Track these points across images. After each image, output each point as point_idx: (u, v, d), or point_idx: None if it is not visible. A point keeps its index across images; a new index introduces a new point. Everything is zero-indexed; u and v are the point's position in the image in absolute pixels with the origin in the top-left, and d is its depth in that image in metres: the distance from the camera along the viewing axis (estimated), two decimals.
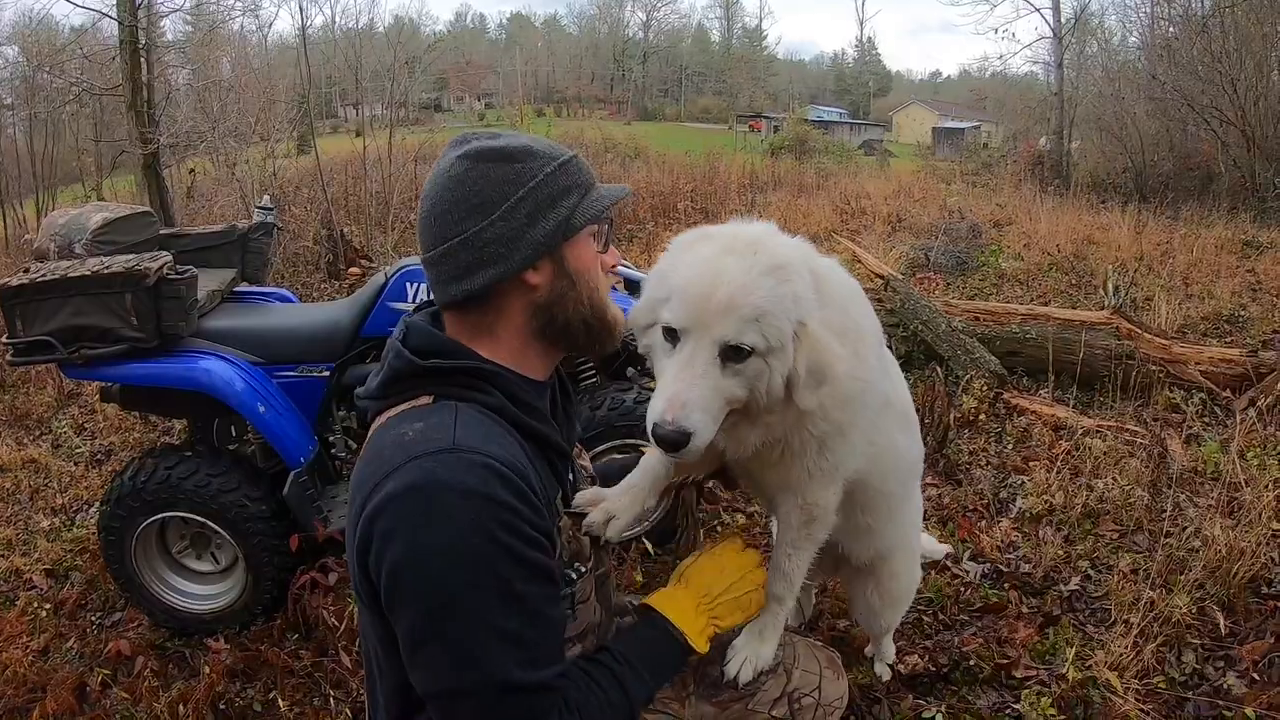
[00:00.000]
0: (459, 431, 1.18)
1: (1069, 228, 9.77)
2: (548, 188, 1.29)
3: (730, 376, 1.29)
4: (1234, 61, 12.61)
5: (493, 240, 1.26)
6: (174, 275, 2.57)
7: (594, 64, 79.15)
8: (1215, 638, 2.57)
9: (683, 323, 1.29)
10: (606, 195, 1.37)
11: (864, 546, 1.93)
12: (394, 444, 1.19)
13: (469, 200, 1.27)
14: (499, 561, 1.12)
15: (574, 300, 1.34)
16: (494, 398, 1.27)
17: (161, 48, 9.41)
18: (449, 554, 1.11)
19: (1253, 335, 5.75)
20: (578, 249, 1.34)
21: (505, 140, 1.31)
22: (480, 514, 1.11)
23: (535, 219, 1.28)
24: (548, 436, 1.33)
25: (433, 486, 1.12)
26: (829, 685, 1.70)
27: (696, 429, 1.25)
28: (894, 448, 1.76)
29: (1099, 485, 3.46)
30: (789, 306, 1.29)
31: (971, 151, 23.83)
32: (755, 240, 1.34)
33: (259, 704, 2.54)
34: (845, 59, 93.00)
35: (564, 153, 1.34)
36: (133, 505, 2.73)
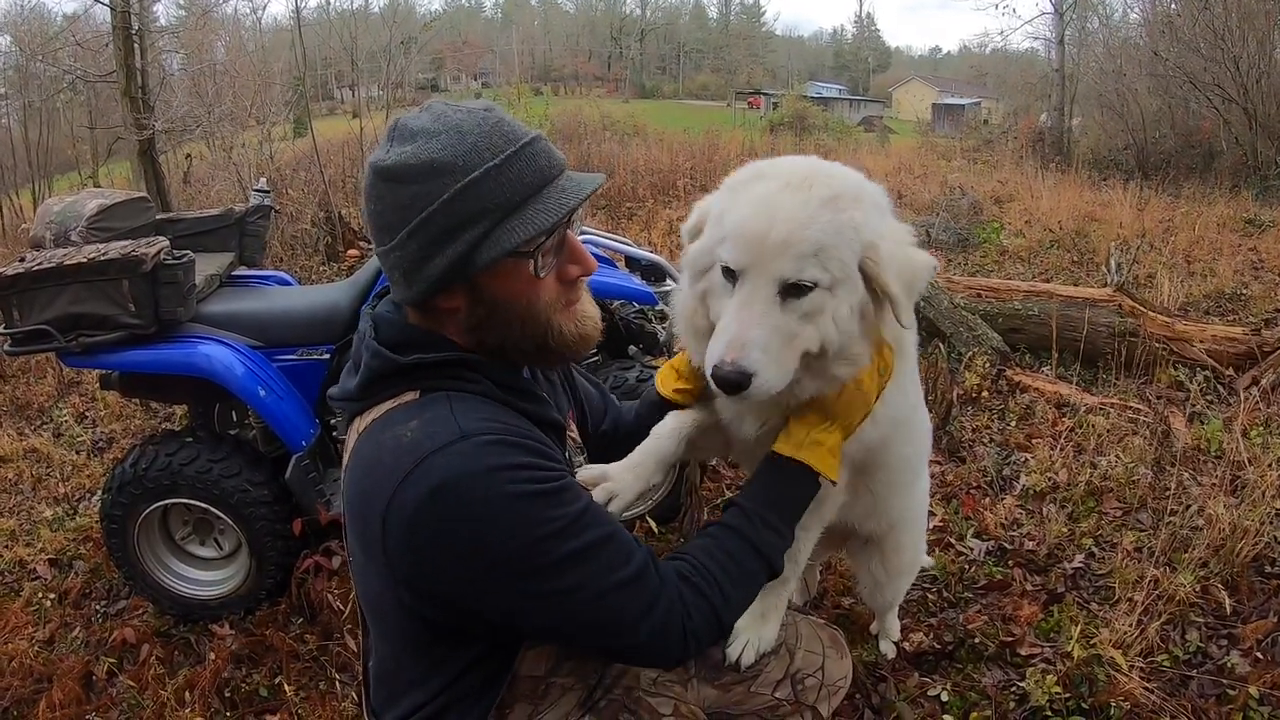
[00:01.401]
0: (460, 419, 1.15)
1: (1070, 204, 9.74)
2: (445, 218, 1.13)
3: (791, 315, 1.24)
4: (1236, 39, 12.52)
5: (396, 265, 1.19)
6: (171, 260, 2.55)
7: (591, 42, 78.73)
8: (1219, 616, 2.57)
9: (740, 263, 1.25)
10: (537, 218, 1.16)
11: (876, 520, 1.91)
12: (394, 448, 1.15)
13: (375, 220, 1.20)
14: (545, 510, 1.13)
15: (500, 326, 1.24)
16: (480, 384, 1.24)
17: (155, 33, 9.34)
18: (502, 532, 1.11)
19: (1255, 313, 5.74)
20: (497, 279, 1.20)
21: (410, 151, 1.14)
22: (511, 484, 1.11)
23: (429, 254, 1.16)
24: (539, 414, 1.30)
25: (459, 479, 1.10)
26: (832, 665, 1.68)
27: (758, 369, 1.21)
28: (915, 414, 1.73)
29: (1102, 463, 3.46)
30: (850, 236, 1.24)
31: (972, 128, 23.67)
32: (810, 173, 1.29)
33: (265, 689, 2.55)
34: (844, 35, 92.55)
35: (484, 161, 1.14)
36: (134, 493, 2.73)
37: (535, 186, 1.17)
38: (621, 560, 1.18)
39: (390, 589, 1.22)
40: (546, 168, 1.20)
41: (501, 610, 1.18)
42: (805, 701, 1.63)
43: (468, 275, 1.17)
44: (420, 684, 1.31)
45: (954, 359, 4.54)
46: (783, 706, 1.62)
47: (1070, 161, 14.94)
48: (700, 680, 1.63)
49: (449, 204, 1.13)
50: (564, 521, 1.14)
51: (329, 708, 2.40)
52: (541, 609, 1.17)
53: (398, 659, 1.35)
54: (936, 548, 2.94)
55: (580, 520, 1.16)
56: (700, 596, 1.24)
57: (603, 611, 1.17)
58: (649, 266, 3.33)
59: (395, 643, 1.34)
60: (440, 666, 1.30)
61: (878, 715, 2.28)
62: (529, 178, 1.17)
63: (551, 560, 1.13)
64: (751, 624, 1.63)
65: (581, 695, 1.42)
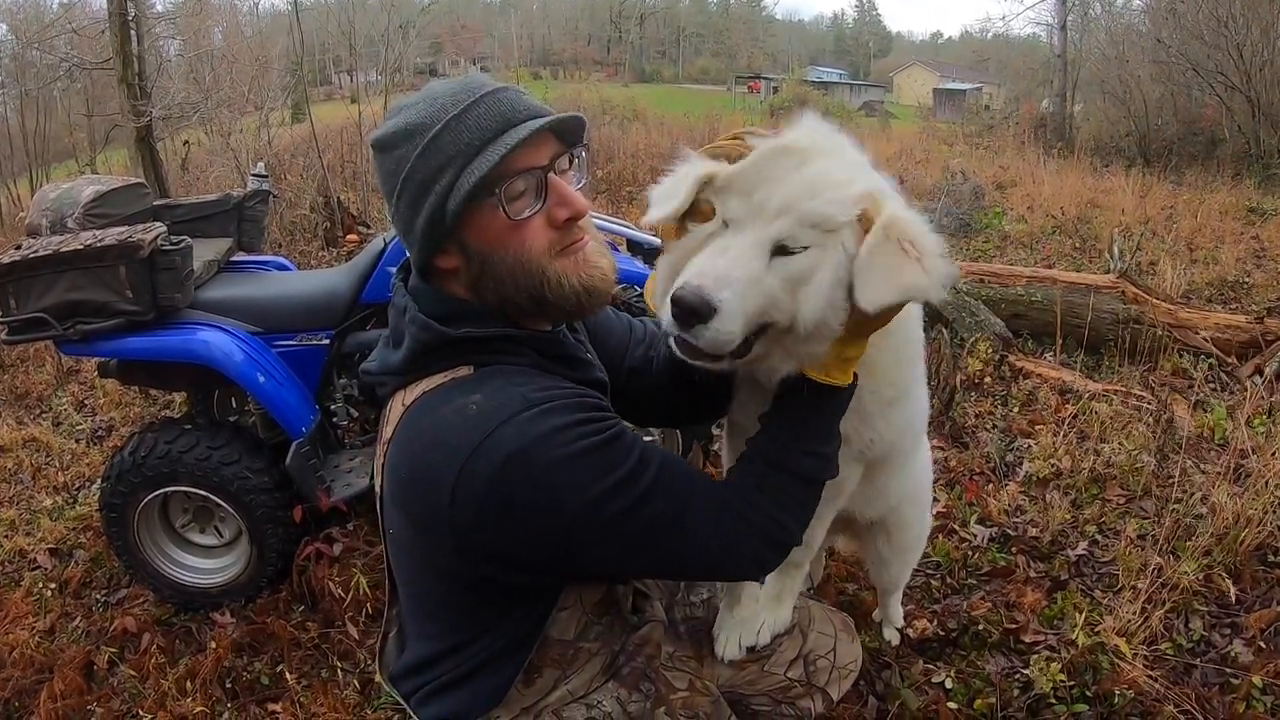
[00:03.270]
0: (522, 390, 1.17)
1: (1072, 190, 9.71)
2: (418, 174, 1.16)
3: (774, 273, 1.14)
4: (1240, 26, 12.45)
5: (401, 233, 1.25)
6: (168, 246, 2.53)
7: (590, 26, 78.44)
8: (1222, 605, 2.57)
9: (735, 212, 1.18)
10: (491, 155, 1.13)
11: (874, 504, 1.88)
12: (460, 422, 1.13)
13: (382, 191, 1.25)
14: (610, 457, 1.16)
15: (495, 280, 1.22)
16: (530, 358, 1.25)
17: (151, 19, 9.28)
18: (582, 485, 1.13)
19: (1257, 301, 5.72)
20: (476, 227, 1.19)
21: (395, 121, 1.20)
22: (579, 438, 1.14)
23: (415, 210, 1.19)
24: (585, 377, 1.32)
25: (530, 446, 1.11)
26: (843, 648, 1.71)
27: (723, 308, 1.09)
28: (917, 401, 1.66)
29: (1105, 450, 3.45)
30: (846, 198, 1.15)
31: (973, 113, 23.58)
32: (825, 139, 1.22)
33: (266, 677, 2.55)
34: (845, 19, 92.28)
35: (445, 115, 1.15)
36: (134, 481, 2.71)
37: (496, 130, 1.15)
38: (686, 486, 1.22)
39: (445, 559, 1.22)
40: (509, 112, 1.17)
41: (592, 558, 1.21)
42: (817, 683, 1.65)
43: (448, 228, 1.18)
44: (453, 652, 1.32)
45: (956, 344, 4.52)
46: (795, 688, 1.64)
47: (1072, 147, 14.87)
48: (714, 658, 1.64)
49: (419, 159, 1.16)
50: (630, 464, 1.17)
51: (331, 695, 2.40)
52: (624, 546, 1.20)
53: (434, 626, 1.35)
54: (940, 534, 2.94)
55: (642, 460, 1.18)
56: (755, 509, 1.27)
57: (676, 537, 1.21)
58: (651, 250, 3.31)
59: (434, 612, 1.35)
60: (476, 631, 1.31)
61: (882, 702, 2.28)
62: (487, 122, 1.16)
63: (629, 501, 1.16)
64: (766, 605, 1.66)
65: (606, 660, 1.42)
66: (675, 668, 1.54)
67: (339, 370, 2.95)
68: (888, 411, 1.44)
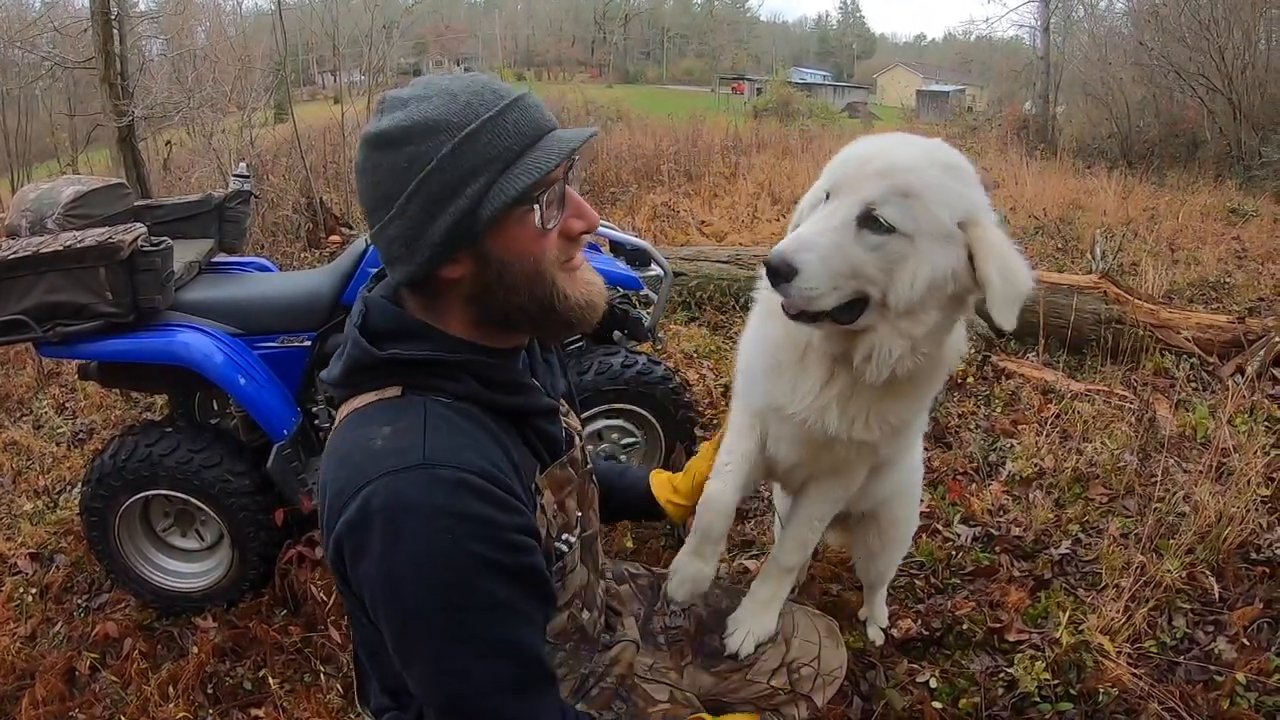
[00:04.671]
0: (429, 441, 1.08)
1: (1055, 192, 9.78)
2: (445, 173, 1.08)
3: (863, 246, 1.21)
4: (1221, 29, 12.61)
5: (396, 239, 1.12)
6: (149, 247, 2.50)
7: (574, 26, 78.43)
8: (1205, 602, 2.59)
9: (833, 183, 1.25)
10: (537, 163, 1.11)
11: (866, 500, 1.92)
12: (364, 450, 1.09)
13: (372, 193, 1.13)
14: (477, 577, 1.06)
15: (506, 290, 1.16)
16: (464, 385, 1.16)
17: (134, 18, 9.19)
18: (422, 576, 1.04)
19: (1239, 301, 5.77)
20: (502, 235, 1.13)
21: (402, 116, 1.10)
22: (453, 533, 1.04)
23: (432, 214, 1.10)
24: (528, 407, 1.24)
25: (404, 508, 1.03)
26: (828, 654, 1.70)
27: (804, 268, 1.20)
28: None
29: (1088, 449, 3.47)
30: (952, 198, 1.21)
31: (956, 115, 23.74)
32: (938, 144, 1.28)
33: (249, 682, 2.52)
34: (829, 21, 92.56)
35: (479, 115, 1.09)
36: (114, 484, 2.68)
37: (532, 136, 1.12)
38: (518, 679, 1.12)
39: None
40: (540, 120, 1.15)
41: (391, 643, 1.13)
42: (800, 690, 1.65)
43: (475, 233, 1.10)
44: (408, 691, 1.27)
45: None
46: (778, 695, 1.64)
47: (1055, 149, 14.99)
48: (696, 667, 1.64)
49: (449, 159, 1.08)
50: (491, 600, 1.07)
51: (314, 700, 2.38)
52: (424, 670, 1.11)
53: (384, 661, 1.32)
54: (924, 534, 2.94)
55: (506, 611, 1.09)
56: None
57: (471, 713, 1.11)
58: (634, 251, 3.29)
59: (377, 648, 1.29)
60: None
61: (867, 702, 2.28)
62: (525, 128, 1.12)
63: (453, 633, 1.07)
64: (753, 613, 1.65)
65: (574, 684, 1.42)
66: (654, 679, 1.53)
67: (321, 372, 2.93)
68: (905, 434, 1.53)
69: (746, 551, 3.00)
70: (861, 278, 1.23)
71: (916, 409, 1.49)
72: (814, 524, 1.65)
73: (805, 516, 1.66)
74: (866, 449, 1.49)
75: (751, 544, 3.04)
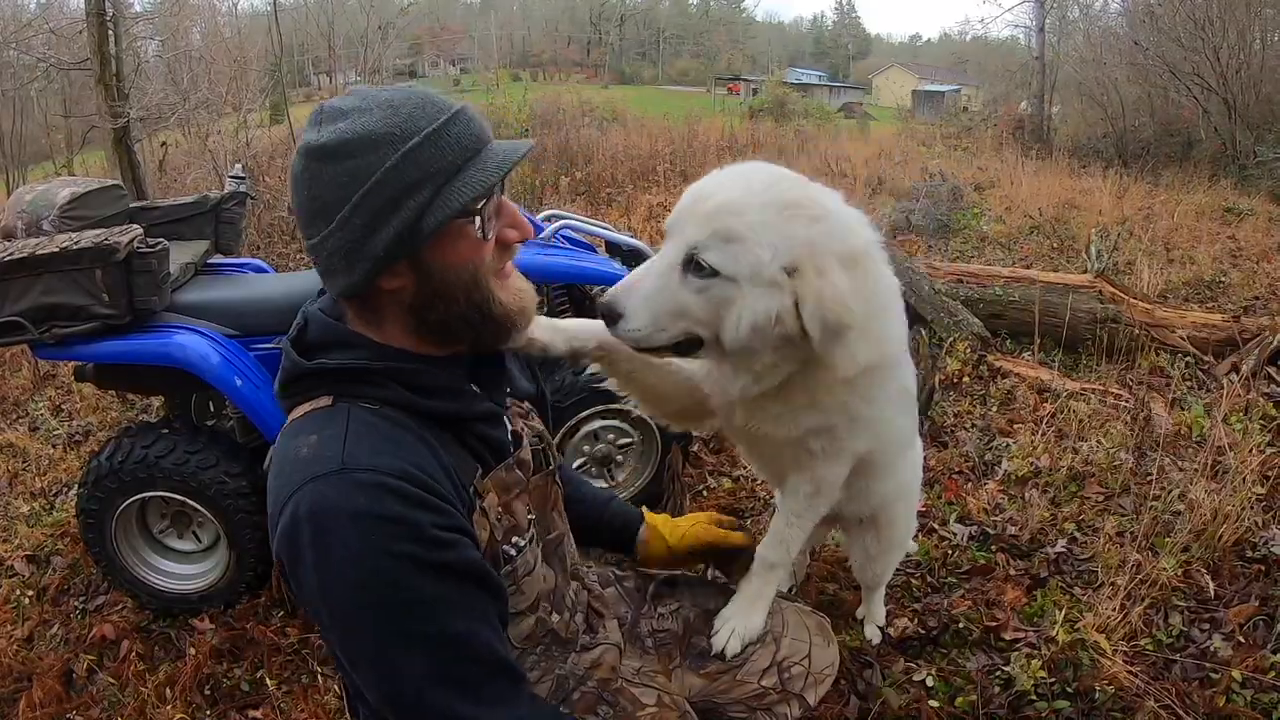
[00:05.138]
0: (348, 447, 1.10)
1: (1050, 191, 9.80)
2: (388, 187, 1.09)
3: (689, 289, 1.24)
4: (1216, 29, 12.62)
5: (335, 251, 1.13)
6: (145, 249, 2.50)
7: (570, 27, 78.46)
8: (1201, 600, 2.59)
9: (669, 223, 1.27)
10: (480, 176, 1.14)
11: (859, 505, 1.92)
12: (293, 459, 1.12)
13: (310, 205, 1.14)
14: (403, 575, 1.07)
15: (445, 300, 1.19)
16: (391, 391, 1.18)
17: (130, 19, 9.16)
18: (352, 580, 1.06)
19: (1234, 301, 5.79)
20: (442, 247, 1.15)
21: (343, 128, 1.11)
22: (374, 534, 1.05)
23: (374, 227, 1.11)
24: (462, 412, 1.25)
25: (325, 514, 1.06)
26: (818, 653, 1.69)
27: (626, 313, 1.26)
28: (897, 429, 1.74)
29: (1084, 448, 3.48)
30: (779, 241, 1.20)
31: (952, 115, 23.75)
32: (781, 180, 1.27)
33: (246, 683, 2.52)
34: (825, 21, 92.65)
35: (420, 129, 1.11)
36: (111, 486, 2.68)
37: (473, 149, 1.15)
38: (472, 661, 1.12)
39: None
40: (480, 133, 1.18)
41: (334, 649, 1.15)
42: (792, 690, 1.64)
43: (416, 244, 1.12)
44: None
45: (935, 344, 4.55)
46: (769, 695, 1.63)
47: (1050, 149, 15.01)
48: (685, 669, 1.63)
49: (391, 173, 1.09)
50: (423, 597, 1.08)
51: (311, 701, 2.38)
52: (365, 672, 1.12)
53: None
54: (920, 533, 2.94)
55: (439, 605, 1.09)
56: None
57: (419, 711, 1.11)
58: (630, 251, 3.30)
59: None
60: None
61: (864, 700, 2.28)
62: (466, 141, 1.15)
63: (394, 634, 1.08)
64: (738, 612, 1.64)
65: (551, 686, 1.41)
66: (642, 683, 1.53)
67: None
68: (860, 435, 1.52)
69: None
70: (690, 318, 1.26)
71: (831, 413, 1.45)
72: (791, 520, 1.64)
73: (782, 512, 1.67)
74: (799, 446, 1.50)
75: None
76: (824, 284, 1.20)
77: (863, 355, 1.27)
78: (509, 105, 11.15)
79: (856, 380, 1.34)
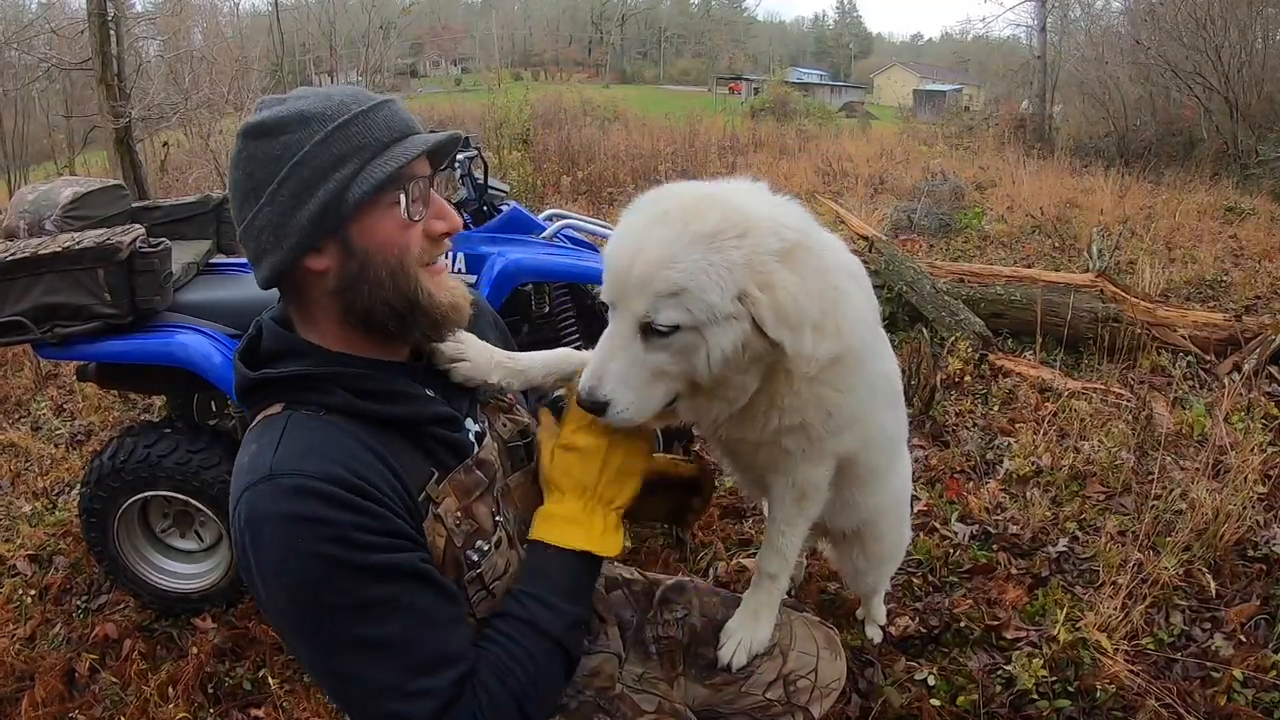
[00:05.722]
0: (279, 453, 1.10)
1: (1052, 190, 9.80)
2: (315, 160, 1.12)
3: (656, 351, 1.23)
4: (1218, 28, 12.61)
5: (264, 227, 1.14)
6: (147, 249, 2.50)
7: (572, 27, 78.48)
8: (1203, 599, 2.59)
9: (607, 296, 1.24)
10: (404, 151, 1.16)
11: (847, 517, 1.87)
12: (238, 469, 1.13)
13: (243, 184, 1.16)
14: (335, 578, 1.06)
15: (370, 284, 1.18)
16: (337, 397, 1.17)
17: (131, 19, 9.19)
18: (285, 584, 1.06)
19: (1235, 300, 5.79)
20: (367, 225, 1.16)
21: (280, 109, 1.15)
22: (302, 537, 1.05)
23: (301, 199, 1.12)
24: (413, 416, 1.24)
25: (256, 520, 1.06)
26: (826, 666, 1.67)
27: (612, 399, 1.23)
28: (881, 427, 1.68)
29: (1085, 447, 3.48)
30: (720, 276, 1.17)
31: (953, 114, 23.73)
32: (696, 205, 1.22)
33: (248, 682, 2.53)
34: (826, 21, 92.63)
35: (351, 109, 1.15)
36: (113, 486, 2.69)
37: (400, 132, 1.18)
38: (414, 668, 1.09)
39: None
40: (409, 120, 1.21)
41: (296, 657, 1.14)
42: (797, 703, 1.62)
43: (341, 217, 1.14)
44: None
45: (937, 344, 4.55)
46: (774, 707, 1.62)
47: (1052, 148, 15.00)
48: (690, 679, 1.62)
49: (320, 145, 1.12)
50: (355, 599, 1.07)
51: (313, 700, 2.38)
52: (319, 676, 1.13)
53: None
54: (921, 532, 2.95)
55: (378, 607, 1.08)
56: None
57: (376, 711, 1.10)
58: None
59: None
60: None
61: (865, 699, 2.28)
62: (395, 123, 1.18)
63: (332, 638, 1.08)
64: (744, 624, 1.62)
65: None
66: (643, 690, 1.52)
67: None
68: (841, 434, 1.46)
69: (744, 550, 3.00)
70: (668, 376, 1.25)
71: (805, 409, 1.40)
72: (781, 528, 1.60)
73: (771, 521, 1.63)
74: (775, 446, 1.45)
75: (749, 542, 3.04)
76: (773, 295, 1.19)
77: (823, 349, 1.27)
78: (510, 105, 11.12)
79: (823, 373, 1.32)
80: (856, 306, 1.36)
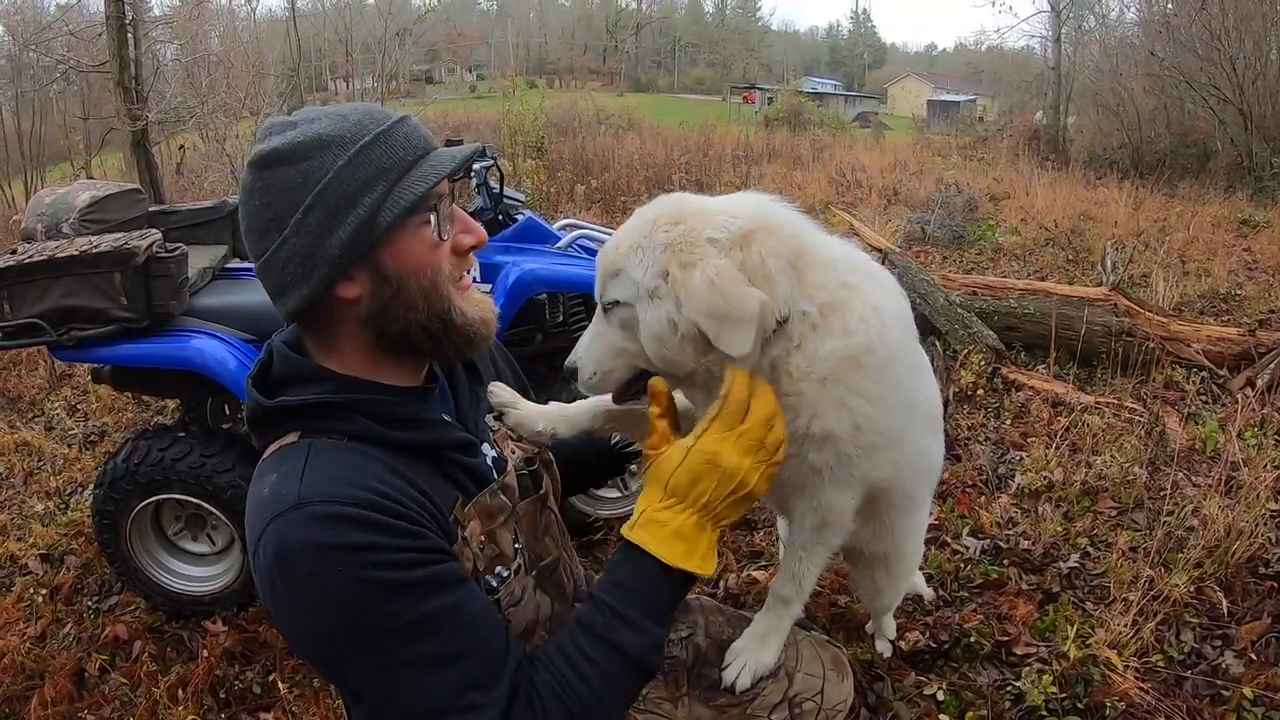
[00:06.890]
0: (305, 480, 1.07)
1: (1066, 203, 9.77)
2: (342, 185, 1.09)
3: (611, 326, 1.35)
4: (1233, 39, 12.55)
5: (290, 258, 1.11)
6: (164, 253, 2.52)
7: (586, 35, 78.75)
8: (1213, 617, 2.57)
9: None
10: (432, 171, 1.14)
11: (881, 542, 1.83)
12: (257, 502, 1.09)
13: (261, 216, 1.12)
14: (381, 602, 1.03)
15: (404, 307, 1.16)
16: (357, 425, 1.15)
17: (149, 22, 9.26)
18: (329, 614, 1.03)
19: (1250, 314, 5.75)
20: (399, 248, 1.14)
21: (293, 135, 1.11)
22: (342, 565, 1.02)
23: (329, 227, 1.10)
24: (433, 442, 1.21)
25: (289, 552, 1.03)
26: (832, 689, 1.64)
27: (579, 365, 1.37)
28: (924, 452, 1.64)
29: (1097, 462, 3.46)
30: (646, 257, 1.26)
31: (967, 125, 23.72)
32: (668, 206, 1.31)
33: (258, 686, 2.54)
34: (840, 30, 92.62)
35: (370, 130, 1.12)
36: (126, 488, 2.71)
37: (422, 150, 1.16)
38: (470, 681, 1.07)
39: None
40: (427, 137, 1.19)
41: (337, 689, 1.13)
42: None
43: (373, 243, 1.11)
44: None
45: (949, 356, 4.54)
46: None
47: (1066, 160, 14.98)
48: (694, 699, 1.60)
49: (345, 169, 1.09)
50: (404, 620, 1.04)
51: (323, 704, 2.39)
52: (369, 700, 1.10)
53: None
54: (932, 546, 2.93)
55: (427, 624, 1.05)
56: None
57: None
58: None
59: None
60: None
61: (874, 714, 2.28)
62: (415, 141, 1.16)
63: (382, 662, 1.05)
64: (750, 646, 1.59)
65: None
66: (646, 709, 1.51)
67: None
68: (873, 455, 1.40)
69: (755, 562, 3.00)
70: (626, 353, 1.35)
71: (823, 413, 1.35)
72: (799, 554, 1.57)
73: (790, 545, 1.60)
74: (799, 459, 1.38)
75: (760, 554, 3.04)
76: (688, 275, 1.21)
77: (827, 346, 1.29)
78: (525, 112, 11.16)
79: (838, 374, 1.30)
80: (872, 305, 1.32)
